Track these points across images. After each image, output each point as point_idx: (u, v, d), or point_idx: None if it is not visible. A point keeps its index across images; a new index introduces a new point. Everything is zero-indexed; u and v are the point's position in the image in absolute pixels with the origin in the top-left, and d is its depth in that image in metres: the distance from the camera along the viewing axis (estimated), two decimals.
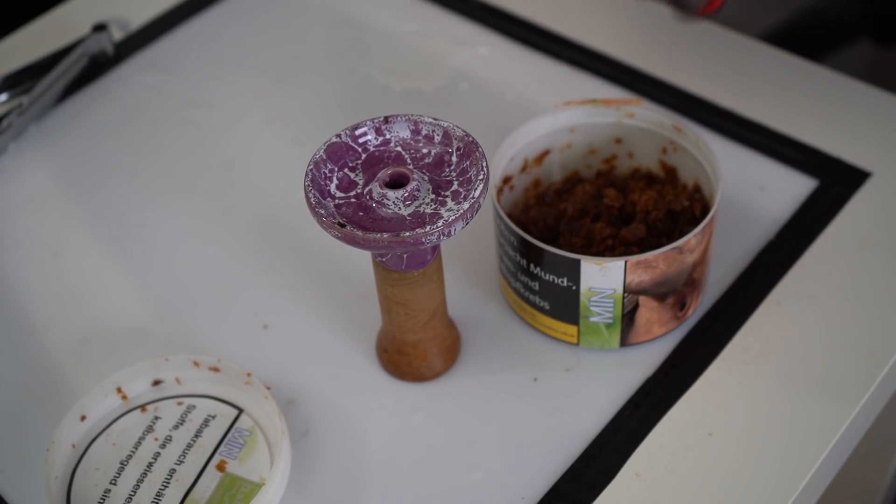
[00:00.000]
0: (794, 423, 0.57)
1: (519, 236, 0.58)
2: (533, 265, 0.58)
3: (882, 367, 0.59)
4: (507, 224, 0.58)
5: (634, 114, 0.64)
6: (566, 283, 0.57)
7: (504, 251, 0.60)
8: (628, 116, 0.64)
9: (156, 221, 0.72)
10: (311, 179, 0.53)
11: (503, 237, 0.60)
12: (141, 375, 0.60)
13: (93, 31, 0.81)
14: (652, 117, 0.63)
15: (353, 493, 0.57)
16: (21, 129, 0.77)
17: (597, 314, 0.58)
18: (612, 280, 0.56)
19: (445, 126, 0.55)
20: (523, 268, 0.59)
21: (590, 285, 0.57)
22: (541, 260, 0.57)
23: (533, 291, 0.59)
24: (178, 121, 0.78)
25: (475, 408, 0.60)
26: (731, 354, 0.61)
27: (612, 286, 0.57)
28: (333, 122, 0.73)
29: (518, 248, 0.58)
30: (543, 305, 0.60)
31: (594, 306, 0.58)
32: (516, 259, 0.59)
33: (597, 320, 0.59)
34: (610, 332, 0.59)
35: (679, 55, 0.78)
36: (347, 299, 0.65)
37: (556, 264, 0.57)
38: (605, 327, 0.59)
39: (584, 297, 0.58)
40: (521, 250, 0.58)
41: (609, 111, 0.64)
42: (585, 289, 0.57)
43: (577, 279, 0.57)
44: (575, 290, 0.57)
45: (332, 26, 0.85)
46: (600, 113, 0.64)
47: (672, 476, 0.56)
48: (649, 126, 0.64)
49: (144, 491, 0.56)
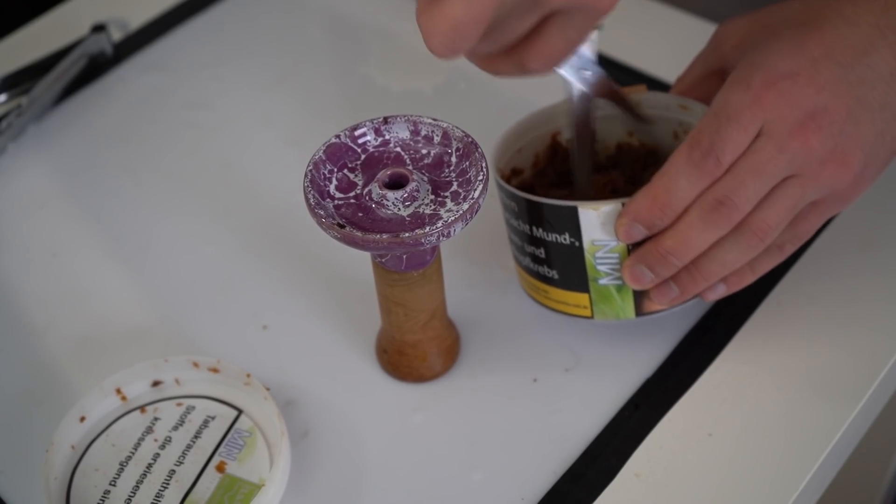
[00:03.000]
0: (794, 423, 0.57)
1: (518, 197, 0.57)
2: (535, 227, 0.57)
3: (882, 367, 0.59)
4: (507, 189, 0.58)
5: (641, 102, 0.63)
6: (568, 238, 0.56)
7: (511, 228, 0.60)
8: (635, 105, 0.63)
9: (155, 222, 0.72)
10: (310, 180, 0.53)
11: (508, 211, 0.59)
12: (140, 376, 0.60)
13: (92, 32, 0.81)
14: (657, 101, 0.62)
15: (352, 493, 0.56)
16: (20, 129, 0.77)
17: (605, 274, 0.57)
18: (613, 228, 0.55)
19: (445, 126, 0.55)
20: (527, 235, 0.58)
21: (592, 238, 0.56)
22: (541, 218, 0.57)
23: (540, 261, 0.59)
24: (178, 121, 0.78)
25: (475, 408, 0.60)
26: (731, 354, 0.60)
27: (614, 236, 0.55)
28: (333, 123, 0.73)
29: (520, 213, 0.58)
30: (552, 275, 0.59)
31: (600, 264, 0.57)
32: (520, 228, 0.58)
33: (606, 282, 0.57)
34: (622, 297, 0.58)
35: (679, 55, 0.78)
36: (347, 300, 0.65)
37: (556, 218, 0.56)
38: (616, 291, 0.57)
39: (588, 255, 0.56)
40: (523, 215, 0.58)
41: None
42: (588, 243, 0.56)
43: (578, 232, 0.56)
44: (578, 247, 0.56)
45: (332, 27, 0.85)
46: (609, 106, 0.63)
47: (672, 476, 0.56)
48: (657, 111, 0.63)
49: (144, 492, 0.56)
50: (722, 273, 0.55)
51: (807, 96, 0.52)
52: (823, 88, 0.52)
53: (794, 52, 0.53)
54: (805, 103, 0.52)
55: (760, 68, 0.53)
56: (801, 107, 0.52)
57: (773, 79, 0.52)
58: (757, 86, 0.52)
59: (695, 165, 0.52)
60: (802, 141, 0.52)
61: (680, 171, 0.52)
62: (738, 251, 0.54)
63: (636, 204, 0.54)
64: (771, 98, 0.52)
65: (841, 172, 0.53)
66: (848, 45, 0.52)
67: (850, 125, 0.52)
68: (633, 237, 0.55)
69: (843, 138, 0.52)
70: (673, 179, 0.53)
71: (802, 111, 0.52)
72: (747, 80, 0.52)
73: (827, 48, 0.52)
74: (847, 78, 0.52)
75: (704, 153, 0.52)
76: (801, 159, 0.52)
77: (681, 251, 0.54)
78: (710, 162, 0.52)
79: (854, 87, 0.52)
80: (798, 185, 0.53)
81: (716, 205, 0.52)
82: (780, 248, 0.56)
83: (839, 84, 0.52)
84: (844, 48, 0.52)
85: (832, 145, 0.52)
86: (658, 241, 0.54)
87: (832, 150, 0.52)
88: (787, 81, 0.52)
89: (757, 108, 0.52)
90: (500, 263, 0.67)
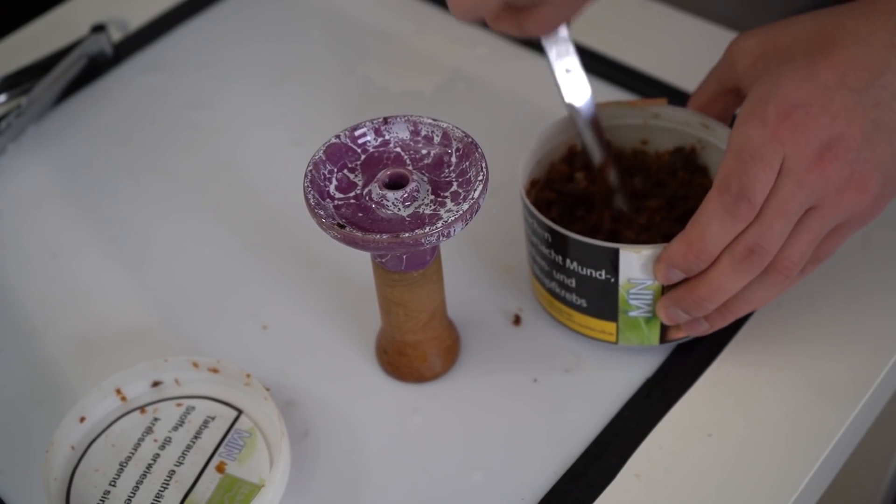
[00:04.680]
0: (794, 424, 0.57)
1: (554, 231, 0.57)
2: (568, 260, 0.57)
3: (882, 367, 0.59)
4: (540, 219, 0.57)
5: (660, 114, 0.63)
6: (604, 275, 0.57)
7: (537, 251, 0.60)
8: (654, 117, 0.63)
9: (155, 222, 0.72)
10: (310, 180, 0.53)
11: (536, 236, 0.59)
12: (140, 377, 0.60)
13: (91, 32, 0.81)
14: (678, 116, 0.62)
15: (352, 494, 0.56)
16: (20, 130, 0.77)
17: (636, 308, 0.58)
18: (651, 269, 0.56)
19: (445, 127, 0.55)
20: (558, 265, 0.58)
21: (629, 276, 0.56)
22: (577, 253, 0.57)
23: (569, 289, 0.59)
24: (177, 122, 0.78)
25: (475, 409, 0.60)
26: (731, 354, 0.60)
27: (651, 276, 0.56)
28: (332, 123, 0.73)
29: (553, 244, 0.58)
30: (581, 303, 0.59)
31: (633, 299, 0.57)
32: (551, 256, 0.58)
33: (636, 314, 0.58)
34: (650, 328, 0.59)
35: (679, 55, 0.78)
36: (347, 300, 0.65)
37: (594, 255, 0.56)
38: (644, 322, 0.58)
39: (622, 291, 0.57)
40: (556, 246, 0.57)
41: (634, 112, 0.63)
42: (624, 280, 0.56)
43: (616, 271, 0.56)
44: (614, 283, 0.57)
45: (331, 27, 0.85)
46: (625, 115, 0.64)
47: (672, 477, 0.56)
48: (676, 126, 0.63)
49: (144, 492, 0.56)
50: (750, 309, 0.57)
51: (821, 126, 0.51)
52: (838, 116, 0.52)
53: (805, 80, 0.52)
54: (820, 134, 0.51)
55: (774, 100, 0.52)
56: (817, 138, 0.51)
57: (787, 110, 0.52)
58: (772, 119, 0.52)
59: (727, 211, 0.53)
60: (820, 173, 0.52)
61: (712, 218, 0.53)
62: (764, 289, 0.55)
63: (672, 251, 0.55)
64: (787, 131, 0.52)
65: (859, 197, 0.53)
66: (861, 68, 0.52)
67: (867, 150, 0.52)
68: (671, 281, 0.56)
69: (859, 164, 0.52)
70: (706, 226, 0.53)
71: (818, 142, 0.51)
72: (762, 113, 0.52)
73: (840, 74, 0.52)
74: (861, 103, 0.52)
75: (736, 197, 0.52)
76: (820, 190, 0.52)
77: (714, 297, 0.55)
78: (743, 206, 0.52)
79: (869, 110, 0.52)
80: (819, 217, 0.53)
81: (747, 254, 0.53)
82: (801, 271, 0.56)
83: (854, 110, 0.52)
84: (857, 71, 0.52)
85: (849, 172, 0.52)
86: (693, 288, 0.55)
87: (849, 176, 0.52)
88: (800, 112, 0.52)
89: (776, 142, 0.52)
90: (500, 263, 0.67)
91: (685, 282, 0.56)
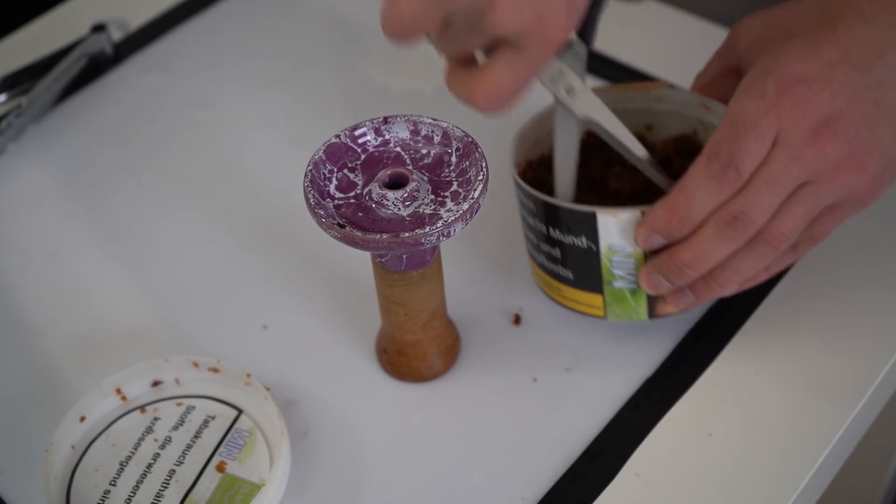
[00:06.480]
0: (794, 424, 0.57)
1: (536, 198, 0.57)
2: (552, 228, 0.57)
3: (882, 367, 0.59)
4: (525, 188, 0.58)
5: (662, 97, 0.63)
6: (585, 242, 0.56)
7: (527, 225, 0.60)
8: (656, 101, 0.63)
9: (155, 222, 0.72)
10: (310, 180, 0.53)
11: (524, 209, 0.59)
12: (140, 376, 0.60)
13: (92, 32, 0.81)
14: (679, 97, 0.62)
15: (352, 493, 0.56)
16: (20, 129, 0.77)
17: (620, 277, 0.57)
18: (631, 235, 0.55)
19: (445, 126, 0.55)
20: (544, 235, 0.58)
21: (609, 243, 0.56)
22: (558, 220, 0.57)
23: (556, 260, 0.59)
24: (178, 121, 0.78)
25: (475, 408, 0.60)
26: (731, 354, 0.60)
27: (631, 243, 0.56)
28: (332, 123, 0.73)
29: (537, 212, 0.58)
30: (567, 275, 0.59)
31: (616, 268, 0.57)
32: (536, 227, 0.58)
33: (621, 285, 0.57)
34: (636, 300, 0.58)
35: (679, 55, 0.78)
36: (347, 300, 0.65)
37: (573, 222, 0.56)
38: (630, 294, 0.58)
39: (604, 259, 0.56)
40: (540, 215, 0.57)
41: (636, 96, 0.63)
42: (605, 248, 0.56)
43: (596, 237, 0.56)
44: (595, 252, 0.56)
45: (331, 26, 0.85)
46: (627, 99, 0.63)
47: (672, 476, 0.56)
48: (677, 108, 0.63)
49: (144, 492, 0.56)
50: (737, 280, 0.55)
51: (822, 102, 0.51)
52: (839, 93, 0.51)
53: (808, 55, 0.52)
54: (820, 109, 0.51)
55: (775, 73, 0.52)
56: (816, 113, 0.51)
57: (787, 85, 0.51)
58: (771, 93, 0.51)
59: (714, 178, 0.52)
60: (817, 148, 0.51)
61: (698, 184, 0.52)
62: (752, 259, 0.54)
63: (655, 215, 0.54)
64: (785, 105, 0.51)
65: (857, 176, 0.52)
66: (864, 46, 0.52)
67: (867, 129, 0.52)
68: (651, 245, 0.55)
69: (859, 142, 0.52)
70: (691, 192, 0.53)
71: (817, 118, 0.51)
72: (762, 86, 0.52)
73: (843, 51, 0.52)
74: (863, 81, 0.51)
75: (724, 165, 0.52)
76: (816, 166, 0.51)
77: (696, 264, 0.54)
78: (730, 174, 0.52)
79: (871, 89, 0.52)
80: (813, 192, 0.52)
81: (731, 220, 0.52)
82: (794, 248, 0.55)
83: (855, 88, 0.51)
84: (860, 49, 0.52)
85: (847, 150, 0.51)
86: (675, 253, 0.54)
87: (847, 154, 0.52)
88: (801, 87, 0.51)
89: (773, 115, 0.51)
90: (500, 263, 0.67)
91: (668, 248, 0.55)
